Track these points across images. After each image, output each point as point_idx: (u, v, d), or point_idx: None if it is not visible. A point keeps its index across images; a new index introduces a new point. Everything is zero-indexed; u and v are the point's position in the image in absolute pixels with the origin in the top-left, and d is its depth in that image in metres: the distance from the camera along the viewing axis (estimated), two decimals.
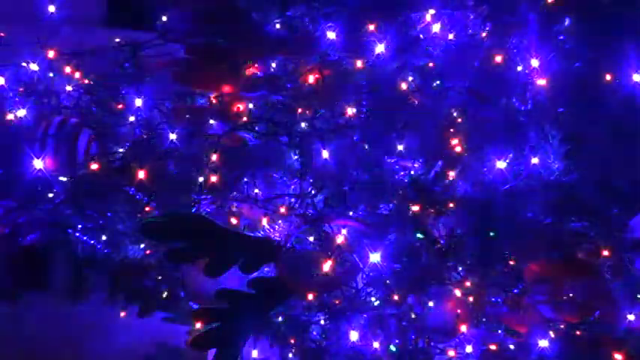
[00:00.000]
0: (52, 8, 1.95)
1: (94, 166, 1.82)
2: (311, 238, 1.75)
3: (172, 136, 1.78)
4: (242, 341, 1.69)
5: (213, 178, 1.88)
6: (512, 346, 1.72)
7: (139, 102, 1.91)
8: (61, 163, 1.84)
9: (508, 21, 1.90)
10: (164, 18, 1.97)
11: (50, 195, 1.83)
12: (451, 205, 1.77)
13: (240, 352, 1.70)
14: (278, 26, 1.91)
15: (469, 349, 1.72)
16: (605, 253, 1.72)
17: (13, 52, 1.94)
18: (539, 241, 1.75)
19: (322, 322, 1.80)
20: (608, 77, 1.86)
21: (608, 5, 1.92)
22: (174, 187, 1.87)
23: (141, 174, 1.77)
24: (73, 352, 2.14)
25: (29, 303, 2.11)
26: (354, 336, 1.72)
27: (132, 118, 1.92)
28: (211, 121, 1.84)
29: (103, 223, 1.85)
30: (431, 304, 1.77)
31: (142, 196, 1.81)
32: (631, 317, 1.65)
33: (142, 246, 1.93)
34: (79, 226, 1.86)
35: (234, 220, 1.87)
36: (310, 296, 1.73)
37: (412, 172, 1.85)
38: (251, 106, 1.90)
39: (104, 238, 1.89)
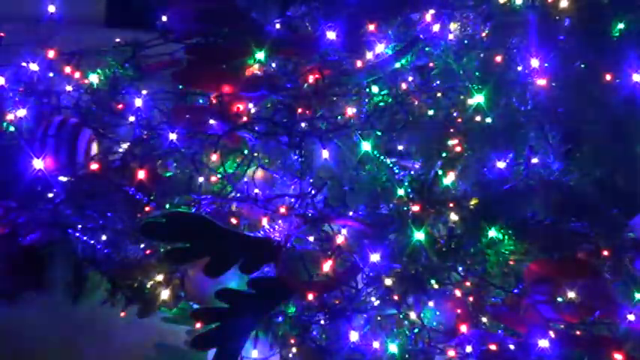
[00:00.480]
0: (52, 8, 1.95)
1: (94, 166, 1.82)
2: (311, 238, 1.75)
3: (172, 136, 1.78)
4: (242, 341, 1.70)
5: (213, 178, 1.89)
6: (512, 346, 1.71)
7: (139, 102, 1.91)
8: (61, 163, 1.84)
9: (508, 21, 1.90)
10: (164, 18, 1.97)
11: (50, 195, 1.83)
12: (451, 205, 1.77)
13: (240, 353, 1.70)
14: (278, 26, 1.91)
15: (469, 349, 1.72)
16: (605, 253, 1.72)
17: (13, 52, 1.94)
18: (539, 241, 1.75)
19: (322, 322, 1.79)
20: (608, 77, 1.86)
21: (608, 5, 1.92)
22: (174, 187, 1.87)
23: (141, 174, 1.77)
24: (73, 352, 2.14)
25: (29, 303, 2.11)
26: (354, 336, 1.72)
27: (132, 118, 1.92)
28: (211, 121, 1.84)
29: (103, 223, 1.85)
30: (431, 304, 1.77)
31: (142, 196, 1.81)
32: (631, 317, 1.65)
33: (142, 246, 1.93)
34: (79, 226, 1.86)
35: (234, 220, 1.87)
36: (310, 296, 1.73)
37: (412, 172, 1.85)
38: (251, 106, 1.90)
39: (104, 238, 1.89)
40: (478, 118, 1.88)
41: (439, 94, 1.91)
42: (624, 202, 1.83)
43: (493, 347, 1.71)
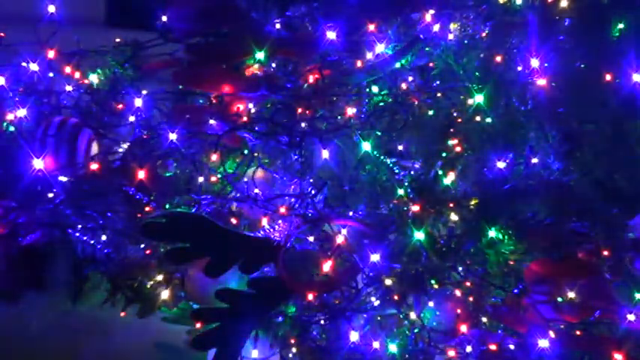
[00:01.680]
0: (52, 8, 1.95)
1: (94, 166, 1.82)
2: (311, 238, 1.75)
3: (172, 136, 1.78)
4: (242, 341, 1.70)
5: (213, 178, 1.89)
6: (512, 346, 1.71)
7: (139, 102, 1.91)
8: (61, 163, 1.84)
9: (508, 21, 1.90)
10: (164, 18, 1.97)
11: (50, 195, 1.83)
12: (451, 205, 1.77)
13: (240, 352, 1.70)
14: (278, 26, 1.91)
15: (469, 349, 1.72)
16: (605, 253, 1.72)
17: (13, 52, 1.94)
18: (539, 241, 1.75)
19: (322, 322, 1.79)
20: (608, 77, 1.86)
21: (608, 6, 1.92)
22: (174, 187, 1.87)
23: (141, 174, 1.77)
24: (73, 352, 2.14)
25: (29, 303, 2.11)
26: (354, 336, 1.72)
27: (132, 118, 1.92)
28: (211, 121, 1.84)
29: (103, 223, 1.85)
30: (431, 304, 1.77)
31: (142, 196, 1.81)
32: (631, 317, 1.65)
33: (142, 246, 1.93)
34: (79, 226, 1.86)
35: (234, 220, 1.87)
36: (310, 296, 1.73)
37: (412, 172, 1.85)
38: (251, 106, 1.90)
39: (104, 238, 1.89)
40: (478, 118, 1.88)
41: (439, 94, 1.91)
42: (624, 202, 1.83)
43: (493, 347, 1.72)
